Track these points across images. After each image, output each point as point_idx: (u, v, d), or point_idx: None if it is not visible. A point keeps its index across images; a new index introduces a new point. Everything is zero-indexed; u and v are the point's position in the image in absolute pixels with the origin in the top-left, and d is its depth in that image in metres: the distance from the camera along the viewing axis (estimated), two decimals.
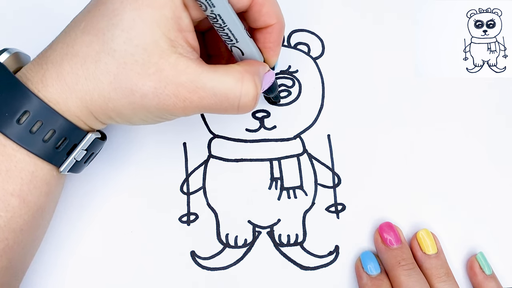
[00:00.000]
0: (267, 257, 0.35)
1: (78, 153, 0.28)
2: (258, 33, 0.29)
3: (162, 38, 0.25)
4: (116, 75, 0.25)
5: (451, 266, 0.34)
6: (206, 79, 0.26)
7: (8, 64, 0.28)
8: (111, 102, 0.26)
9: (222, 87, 0.26)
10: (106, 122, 0.28)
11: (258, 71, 0.28)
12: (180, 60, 0.26)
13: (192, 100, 0.26)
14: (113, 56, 0.25)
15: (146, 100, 0.26)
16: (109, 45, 0.25)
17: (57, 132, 0.27)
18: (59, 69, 0.26)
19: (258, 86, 0.28)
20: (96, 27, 0.26)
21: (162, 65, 0.25)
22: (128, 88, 0.26)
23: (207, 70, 0.26)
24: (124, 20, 0.25)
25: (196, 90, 0.26)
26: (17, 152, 0.26)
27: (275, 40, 0.29)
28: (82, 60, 0.26)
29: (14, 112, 0.26)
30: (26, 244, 0.28)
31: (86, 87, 0.26)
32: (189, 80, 0.26)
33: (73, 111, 0.27)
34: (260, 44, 0.29)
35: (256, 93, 0.27)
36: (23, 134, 0.26)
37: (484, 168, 0.36)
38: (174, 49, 0.25)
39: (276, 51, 0.30)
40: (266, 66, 0.30)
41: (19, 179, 0.27)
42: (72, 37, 0.26)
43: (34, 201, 0.27)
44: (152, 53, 0.25)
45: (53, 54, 0.27)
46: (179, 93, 0.26)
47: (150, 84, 0.25)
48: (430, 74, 0.38)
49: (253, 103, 0.28)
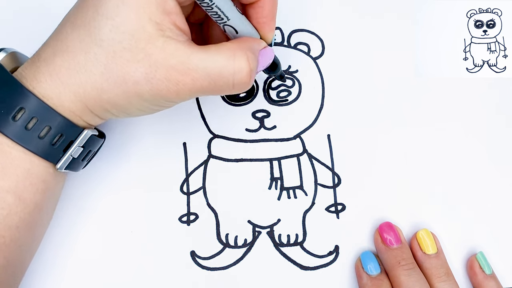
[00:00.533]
0: (267, 257, 0.35)
1: (75, 150, 0.28)
2: (250, 9, 0.29)
3: (148, 22, 0.25)
4: (106, 65, 0.25)
5: (451, 266, 0.34)
6: (197, 59, 0.26)
7: (5, 64, 0.28)
8: (104, 93, 0.26)
9: (214, 66, 0.26)
10: (102, 116, 0.28)
11: (252, 46, 0.28)
12: (169, 43, 0.25)
13: (185, 82, 0.26)
14: (101, 46, 0.25)
15: (139, 87, 0.26)
16: (97, 35, 0.25)
17: (52, 129, 0.27)
18: (52, 65, 0.26)
19: (251, 61, 0.27)
20: (83, 19, 0.26)
21: (150, 50, 0.25)
22: (120, 77, 0.25)
23: (197, 51, 0.26)
24: (108, 8, 0.25)
25: (188, 71, 0.25)
26: (12, 149, 0.26)
27: (268, 14, 0.29)
28: (72, 54, 0.26)
29: (9, 109, 0.26)
30: (23, 243, 0.28)
31: (78, 80, 0.26)
32: (180, 62, 0.25)
33: (67, 106, 0.27)
34: (254, 20, 0.29)
35: (250, 68, 0.27)
36: (18, 131, 0.26)
37: (484, 168, 0.36)
38: (162, 32, 0.25)
39: (270, 25, 0.29)
40: (262, 42, 0.29)
41: (14, 176, 0.27)
42: (63, 33, 0.27)
43: (30, 198, 0.27)
44: (139, 38, 0.25)
45: (46, 50, 0.27)
46: (170, 76, 0.25)
47: (141, 70, 0.25)
48: (430, 74, 0.38)
49: (248, 79, 0.27)
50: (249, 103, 0.37)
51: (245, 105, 0.37)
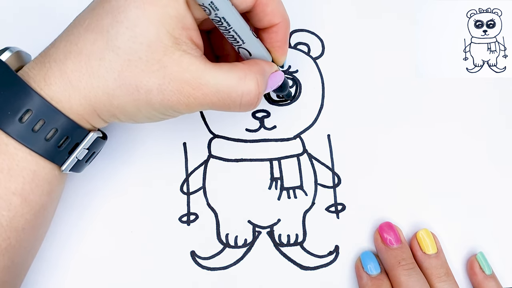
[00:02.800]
0: (267, 257, 0.35)
1: (80, 152, 0.28)
2: (264, 33, 0.29)
3: (166, 36, 0.25)
4: (121, 72, 0.26)
5: (451, 266, 0.34)
6: (209, 76, 0.26)
7: (10, 63, 0.28)
8: (115, 99, 0.26)
9: (225, 85, 0.27)
10: (108, 120, 0.28)
11: (263, 70, 0.29)
12: (184, 57, 0.26)
13: (196, 96, 0.26)
14: (117, 53, 0.25)
15: (150, 97, 0.26)
16: (113, 42, 0.25)
17: (59, 131, 0.27)
18: (63, 67, 0.26)
19: (260, 85, 0.28)
20: (100, 24, 0.26)
21: (166, 62, 0.25)
22: (133, 85, 0.26)
23: (210, 68, 0.26)
24: (128, 18, 0.25)
25: (200, 86, 0.26)
26: (19, 151, 0.26)
27: (281, 38, 0.29)
28: (86, 58, 0.26)
29: (16, 111, 0.26)
30: (28, 244, 0.28)
31: (90, 85, 0.26)
32: (193, 77, 0.26)
33: (76, 109, 0.27)
34: (267, 44, 0.30)
35: (258, 92, 0.28)
36: (25, 133, 0.26)
37: (484, 168, 0.36)
38: (178, 46, 0.26)
39: (283, 49, 0.30)
40: (273, 65, 0.30)
41: (21, 178, 0.26)
42: (75, 35, 0.26)
43: (36, 200, 0.27)
44: (156, 50, 0.25)
45: (56, 52, 0.27)
46: (183, 89, 0.26)
47: (155, 81, 0.26)
48: (430, 75, 0.38)
49: (255, 101, 0.28)
50: None
51: None
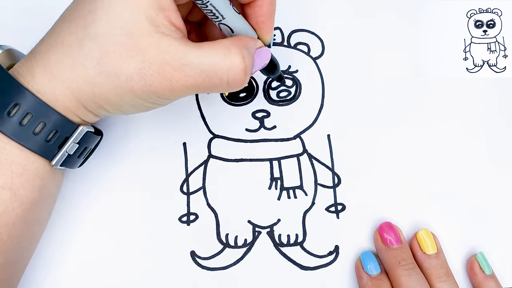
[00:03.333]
0: (267, 257, 0.35)
1: (70, 147, 0.28)
2: (248, 8, 0.28)
3: (143, 18, 0.25)
4: (99, 59, 0.25)
5: (451, 266, 0.34)
6: (191, 56, 0.25)
7: (1, 61, 0.28)
8: (96, 87, 0.26)
9: (208, 63, 0.26)
10: (96, 112, 0.28)
11: (247, 44, 0.27)
12: (163, 39, 0.25)
13: (178, 78, 0.25)
14: (95, 40, 0.25)
15: (132, 83, 0.26)
16: (91, 29, 0.25)
17: (47, 125, 0.27)
18: (46, 59, 0.26)
19: (246, 59, 0.27)
20: (78, 14, 0.26)
21: (144, 45, 0.25)
22: (112, 72, 0.25)
23: (191, 47, 0.26)
24: (104, 3, 0.25)
25: (182, 67, 0.25)
26: (7, 145, 0.26)
27: (266, 13, 0.28)
28: (67, 48, 0.26)
29: (4, 105, 0.26)
30: (21, 240, 0.28)
31: (72, 75, 0.26)
32: (174, 58, 0.25)
33: (62, 101, 0.27)
34: (252, 20, 0.29)
35: (244, 65, 0.26)
36: (13, 127, 0.26)
37: (484, 168, 0.36)
38: (157, 28, 0.25)
39: (269, 25, 0.29)
40: (258, 41, 0.29)
41: (9, 172, 0.27)
42: (58, 27, 0.27)
43: (27, 195, 0.27)
44: (133, 34, 0.25)
45: (41, 46, 0.27)
46: (164, 72, 0.25)
47: (134, 66, 0.25)
48: (430, 75, 0.38)
49: (242, 76, 0.27)
50: (249, 103, 0.37)
51: (245, 105, 0.37)
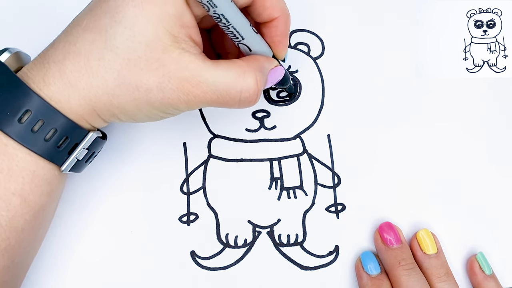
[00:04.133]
0: (267, 257, 0.35)
1: (80, 152, 0.29)
2: (264, 28, 0.29)
3: (165, 34, 0.25)
4: (120, 71, 0.26)
5: (451, 266, 0.34)
6: (208, 74, 0.26)
7: (9, 64, 0.28)
8: (115, 98, 0.26)
9: (223, 82, 0.27)
10: (108, 120, 0.28)
11: (262, 66, 0.29)
12: (183, 55, 0.26)
13: (195, 94, 0.26)
14: (116, 53, 0.25)
15: (150, 95, 0.26)
16: (112, 42, 0.25)
17: (58, 131, 0.27)
18: (62, 67, 0.26)
19: (259, 82, 0.28)
20: (98, 24, 0.26)
21: (165, 60, 0.26)
22: (132, 84, 0.26)
23: (209, 65, 0.26)
24: (127, 17, 0.25)
25: (199, 84, 0.26)
26: (18, 151, 0.26)
27: (281, 33, 0.29)
28: (85, 58, 0.26)
29: (15, 111, 0.26)
30: (27, 244, 0.28)
31: (89, 85, 0.26)
32: (192, 75, 0.26)
33: (75, 109, 0.27)
34: (268, 38, 0.30)
35: (257, 89, 0.28)
36: (24, 133, 0.26)
37: (484, 168, 0.36)
38: (177, 44, 0.26)
39: (284, 43, 0.30)
40: (273, 61, 0.30)
41: (20, 178, 0.26)
42: (74, 35, 0.26)
43: (36, 201, 0.27)
44: (155, 49, 0.25)
45: (55, 52, 0.27)
46: (182, 87, 0.26)
47: (154, 79, 0.26)
48: (430, 75, 0.38)
49: (254, 98, 0.28)
50: None
51: None
